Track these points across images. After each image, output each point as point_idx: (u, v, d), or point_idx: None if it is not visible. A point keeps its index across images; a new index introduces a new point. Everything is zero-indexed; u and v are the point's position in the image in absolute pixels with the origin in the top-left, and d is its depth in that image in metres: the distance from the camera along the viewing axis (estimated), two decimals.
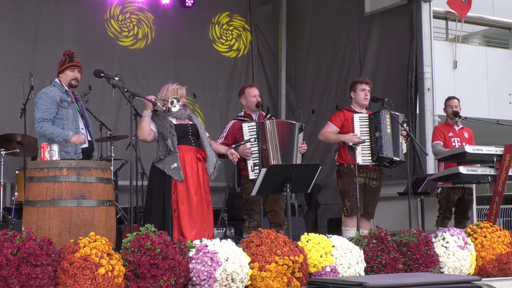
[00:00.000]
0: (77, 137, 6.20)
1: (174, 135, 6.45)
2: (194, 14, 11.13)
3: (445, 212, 8.23)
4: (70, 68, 6.48)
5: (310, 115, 11.20)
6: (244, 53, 11.67)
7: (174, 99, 6.50)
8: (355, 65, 10.37)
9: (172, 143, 6.41)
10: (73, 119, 6.36)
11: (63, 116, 6.32)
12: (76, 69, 6.51)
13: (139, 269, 4.83)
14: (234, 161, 6.92)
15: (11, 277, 4.44)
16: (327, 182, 10.13)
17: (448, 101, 8.48)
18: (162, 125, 6.48)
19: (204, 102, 11.15)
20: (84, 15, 10.26)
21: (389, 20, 9.89)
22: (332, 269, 5.55)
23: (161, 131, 6.47)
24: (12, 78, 9.59)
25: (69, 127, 6.29)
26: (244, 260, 5.21)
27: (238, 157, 6.95)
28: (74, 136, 6.19)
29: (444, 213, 8.23)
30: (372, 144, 7.30)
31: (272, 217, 7.25)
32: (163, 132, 6.44)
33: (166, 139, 6.40)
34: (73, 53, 6.57)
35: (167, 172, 6.37)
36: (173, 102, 6.49)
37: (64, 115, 6.32)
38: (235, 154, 6.90)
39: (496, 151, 7.47)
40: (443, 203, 8.23)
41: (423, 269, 5.99)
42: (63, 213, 5.27)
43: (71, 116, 6.35)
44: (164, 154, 6.40)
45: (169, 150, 6.37)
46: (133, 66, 10.28)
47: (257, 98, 7.33)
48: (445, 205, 8.22)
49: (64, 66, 6.50)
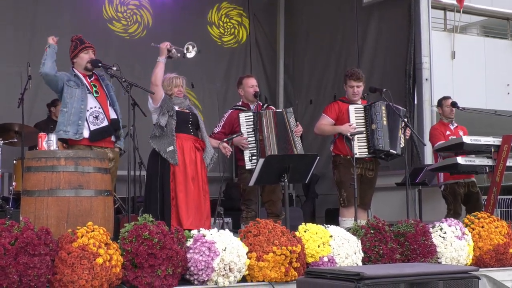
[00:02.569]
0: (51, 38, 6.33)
1: (174, 119, 6.47)
2: (192, 4, 11.10)
3: (455, 206, 8.14)
4: (84, 50, 6.44)
5: (308, 106, 11.19)
6: (242, 43, 11.65)
7: (190, 45, 6.53)
8: (353, 55, 10.35)
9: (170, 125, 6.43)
10: (80, 99, 6.30)
11: (68, 94, 6.30)
12: (90, 50, 6.48)
13: (137, 259, 4.83)
14: (227, 154, 6.95)
15: (9, 266, 4.45)
16: (325, 173, 10.12)
17: (445, 100, 8.46)
18: (165, 103, 6.50)
19: (202, 92, 11.12)
20: (81, 4, 10.23)
21: (387, 11, 9.87)
22: (330, 259, 5.56)
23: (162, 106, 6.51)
24: (9, 68, 9.56)
25: (73, 105, 6.26)
26: (242, 250, 5.22)
27: (231, 150, 6.99)
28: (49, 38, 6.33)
29: (454, 208, 8.13)
30: (368, 136, 7.28)
31: (269, 207, 7.26)
32: (163, 107, 6.46)
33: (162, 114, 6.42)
34: (81, 36, 6.54)
35: (163, 154, 6.41)
36: (189, 49, 6.53)
37: (69, 93, 6.30)
38: (228, 148, 6.92)
39: (494, 141, 7.47)
40: (451, 198, 8.18)
41: (421, 259, 6.00)
42: (61, 202, 5.27)
43: (77, 95, 6.30)
44: (159, 132, 6.42)
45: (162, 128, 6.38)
46: (131, 55, 10.25)
47: (254, 88, 7.33)
48: (453, 200, 8.17)
49: (77, 50, 6.44)
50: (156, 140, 6.49)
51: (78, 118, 6.26)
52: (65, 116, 6.26)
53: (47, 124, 8.78)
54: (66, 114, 6.27)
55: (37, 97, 9.43)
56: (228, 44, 11.55)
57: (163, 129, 6.46)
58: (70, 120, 6.25)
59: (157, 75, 6.53)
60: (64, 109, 6.29)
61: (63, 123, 6.24)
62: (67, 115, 6.26)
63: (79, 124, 6.25)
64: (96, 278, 4.61)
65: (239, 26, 11.65)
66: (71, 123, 6.24)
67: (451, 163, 7.58)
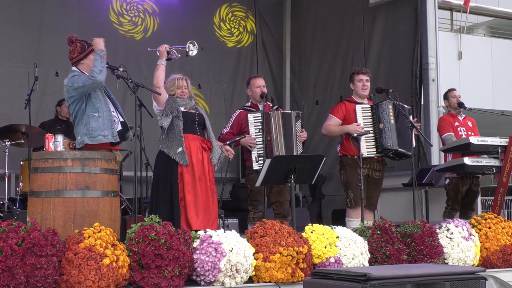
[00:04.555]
0: (97, 40, 6.17)
1: (180, 120, 6.48)
2: (198, 5, 11.11)
3: (454, 203, 8.17)
4: (93, 52, 6.20)
5: (314, 106, 11.18)
6: (248, 44, 11.66)
7: (190, 44, 6.55)
8: (359, 56, 10.34)
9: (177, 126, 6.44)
10: (104, 102, 6.20)
11: (97, 98, 6.14)
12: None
13: (144, 260, 4.84)
14: (230, 157, 6.95)
15: (16, 267, 4.46)
16: (331, 173, 10.12)
17: (450, 92, 8.45)
18: (169, 105, 6.51)
19: (209, 93, 11.13)
20: (88, 5, 10.25)
21: (394, 11, 9.85)
22: (336, 260, 5.56)
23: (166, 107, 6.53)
24: (17, 68, 9.57)
25: (103, 109, 6.12)
26: (249, 251, 5.22)
27: (233, 153, 6.98)
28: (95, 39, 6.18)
29: (453, 204, 8.17)
30: (376, 135, 7.28)
31: (276, 208, 7.26)
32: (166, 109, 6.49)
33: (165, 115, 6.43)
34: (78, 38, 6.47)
35: (172, 156, 6.41)
36: (190, 47, 6.54)
37: (96, 97, 6.14)
38: (230, 151, 6.92)
39: (501, 142, 7.47)
40: (452, 194, 8.19)
41: (427, 260, 5.99)
42: (68, 203, 5.28)
43: (101, 97, 6.19)
44: (167, 134, 6.43)
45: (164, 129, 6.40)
46: (138, 56, 10.26)
47: (261, 88, 7.33)
48: (453, 197, 8.18)
49: (86, 51, 6.21)
50: (164, 143, 6.49)
51: (110, 121, 6.15)
52: (99, 121, 6.08)
53: (53, 124, 8.80)
54: (100, 119, 6.08)
55: (44, 98, 9.46)
56: (235, 45, 11.55)
57: (170, 131, 6.46)
58: (105, 124, 6.10)
59: (159, 77, 6.54)
60: (95, 114, 6.08)
61: (100, 128, 6.05)
62: (101, 119, 6.09)
63: (112, 127, 6.15)
64: (103, 279, 4.62)
65: (245, 27, 11.65)
66: (106, 127, 6.09)
67: (458, 164, 7.57)
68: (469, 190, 8.19)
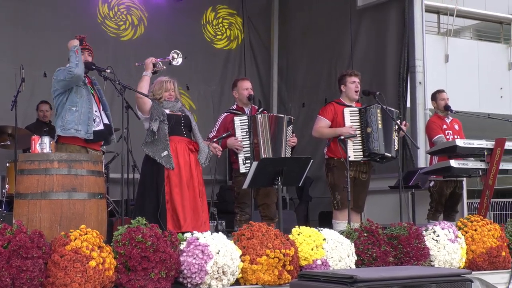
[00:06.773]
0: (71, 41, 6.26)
1: (165, 123, 6.47)
2: (187, 6, 11.10)
3: (437, 205, 8.26)
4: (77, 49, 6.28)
5: (301, 109, 11.20)
6: (236, 46, 11.66)
7: (174, 54, 6.56)
8: (346, 58, 10.35)
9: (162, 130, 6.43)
10: (87, 99, 6.29)
11: (78, 93, 6.25)
12: (86, 52, 6.44)
13: (130, 262, 4.83)
14: (218, 154, 6.94)
15: (2, 269, 4.43)
16: (318, 176, 10.12)
17: (439, 94, 8.49)
18: (155, 110, 6.51)
19: (197, 95, 11.13)
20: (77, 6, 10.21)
21: (381, 14, 9.87)
22: (323, 262, 5.56)
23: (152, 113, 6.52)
24: (4, 69, 9.52)
25: (82, 105, 6.23)
26: (235, 253, 5.22)
27: (221, 150, 6.98)
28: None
29: (436, 206, 8.26)
30: (364, 139, 7.29)
31: (263, 210, 7.26)
32: (153, 114, 6.47)
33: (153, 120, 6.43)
34: (84, 38, 6.49)
35: (158, 159, 6.40)
36: (174, 57, 6.55)
37: (78, 92, 6.26)
38: (218, 148, 6.92)
39: (487, 145, 7.50)
40: (436, 196, 8.26)
41: (414, 262, 6.01)
42: (54, 205, 5.25)
43: (85, 95, 6.28)
44: (150, 138, 6.42)
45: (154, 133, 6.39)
46: (127, 58, 10.23)
47: (249, 91, 7.32)
48: (437, 199, 8.25)
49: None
50: (149, 146, 6.48)
51: (88, 118, 6.25)
52: (75, 115, 6.20)
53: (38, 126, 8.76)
54: (76, 113, 6.20)
55: (31, 99, 9.41)
56: (223, 47, 11.55)
57: (155, 134, 6.45)
58: (81, 120, 6.20)
59: (142, 88, 6.56)
60: (73, 108, 6.20)
61: (74, 121, 6.17)
62: (77, 114, 6.21)
63: (89, 124, 6.24)
64: (89, 281, 4.60)
65: (233, 29, 11.66)
66: (82, 122, 6.20)
67: (444, 166, 7.60)
68: (453, 193, 8.25)
